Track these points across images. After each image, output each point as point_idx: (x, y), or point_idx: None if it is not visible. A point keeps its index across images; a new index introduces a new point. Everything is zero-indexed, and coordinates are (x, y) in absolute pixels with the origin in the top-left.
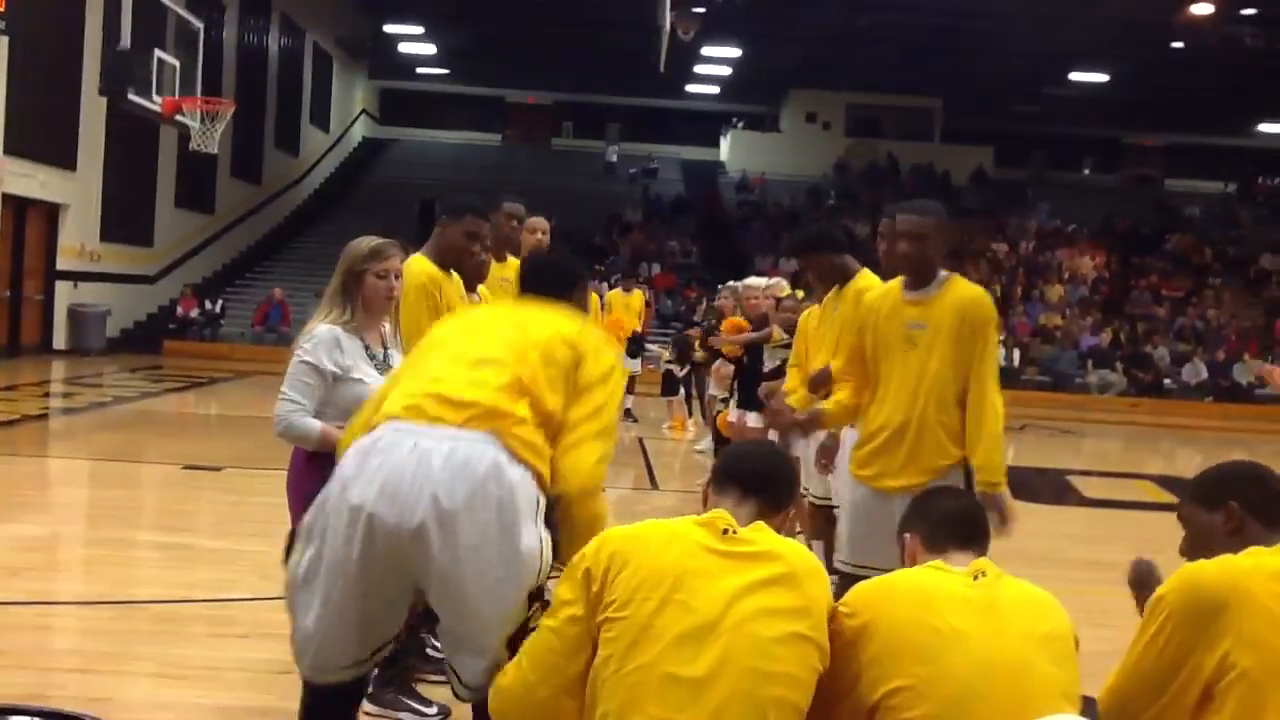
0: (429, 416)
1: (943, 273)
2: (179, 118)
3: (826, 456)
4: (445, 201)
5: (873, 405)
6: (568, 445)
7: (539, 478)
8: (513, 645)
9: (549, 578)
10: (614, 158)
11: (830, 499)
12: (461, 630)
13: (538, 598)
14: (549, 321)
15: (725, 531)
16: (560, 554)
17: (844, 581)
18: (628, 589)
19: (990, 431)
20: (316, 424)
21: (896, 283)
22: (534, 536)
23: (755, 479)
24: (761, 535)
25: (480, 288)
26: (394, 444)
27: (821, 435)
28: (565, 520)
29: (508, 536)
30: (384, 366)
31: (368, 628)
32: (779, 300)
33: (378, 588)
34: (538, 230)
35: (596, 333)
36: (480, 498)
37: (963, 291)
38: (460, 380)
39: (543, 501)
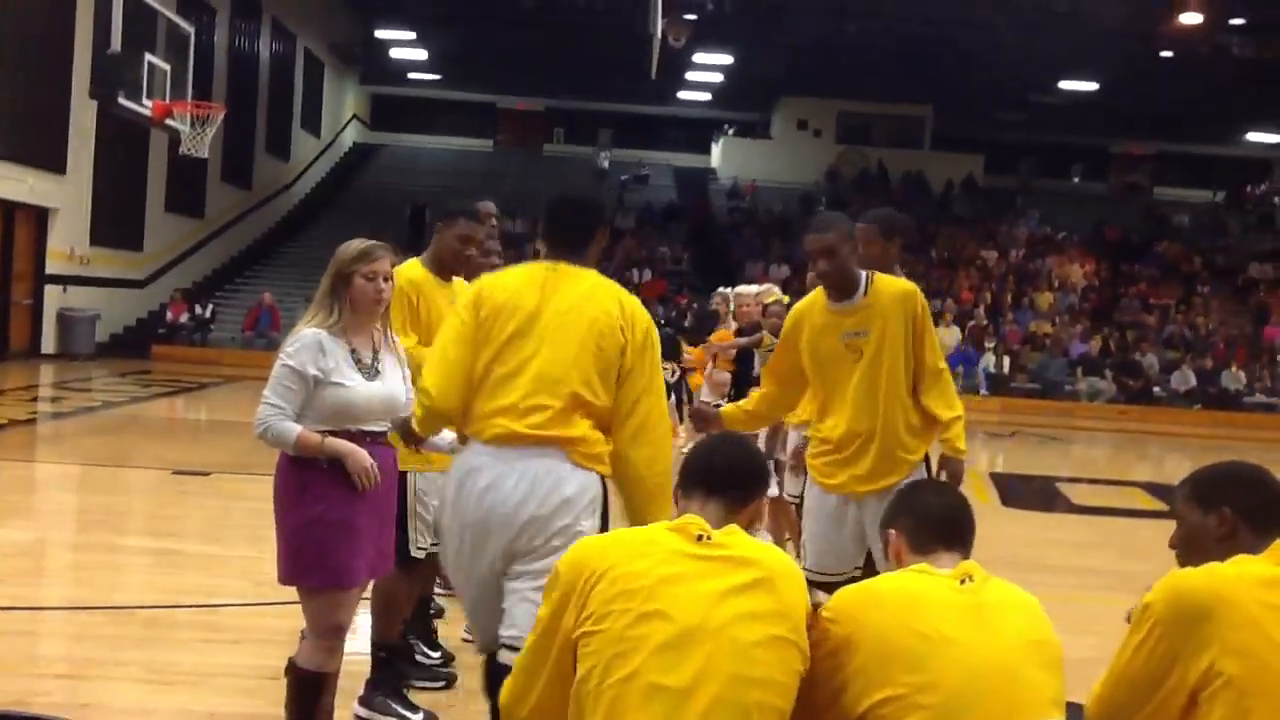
0: (506, 441)
1: (863, 274)
2: (169, 122)
3: (797, 458)
4: (437, 210)
5: (829, 416)
6: (633, 432)
7: (601, 478)
8: None
9: None
10: (605, 164)
11: None
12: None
13: None
14: (589, 307)
15: (700, 537)
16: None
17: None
18: (603, 601)
19: (953, 398)
20: (295, 427)
21: (819, 296)
22: (593, 528)
23: (717, 477)
24: (736, 539)
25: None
26: (481, 468)
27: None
28: (650, 504)
29: (574, 529)
30: (372, 372)
31: (497, 612)
32: (766, 306)
33: (492, 584)
34: (489, 216)
35: (628, 298)
36: (554, 504)
37: (893, 288)
38: (524, 406)
39: (600, 498)
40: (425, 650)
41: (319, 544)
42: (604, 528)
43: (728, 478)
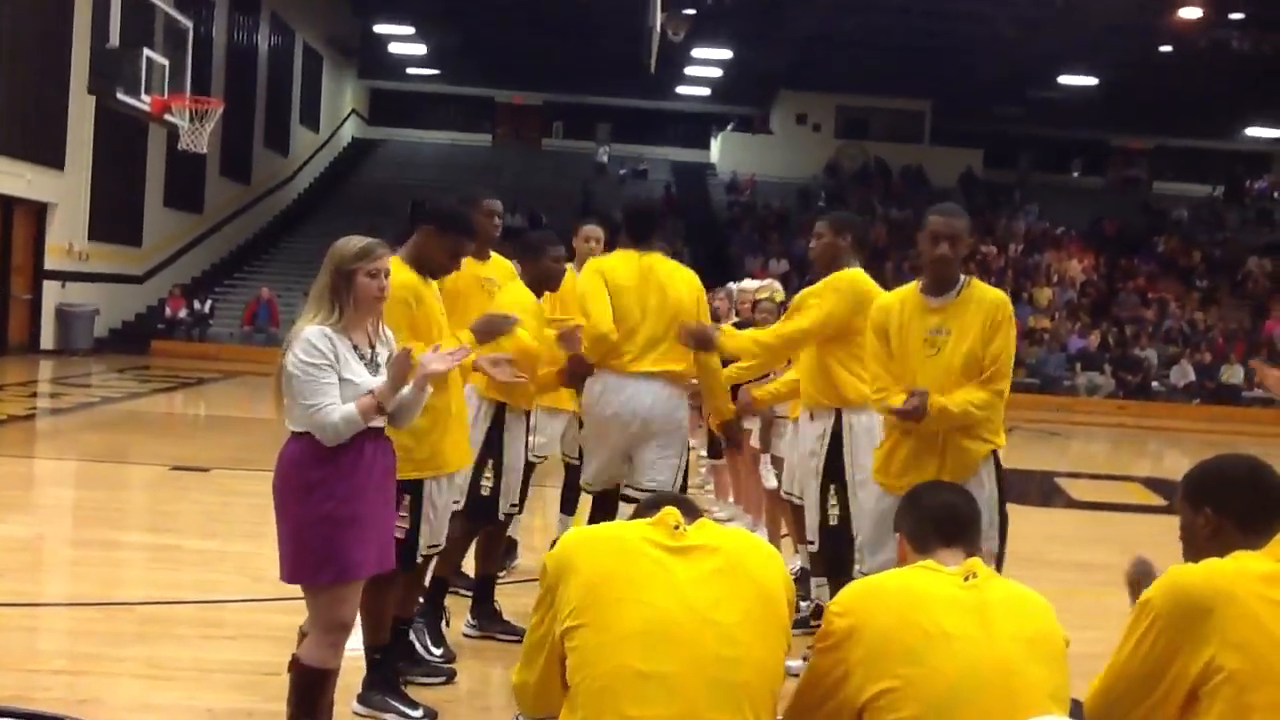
0: (635, 373)
1: (963, 277)
2: (168, 117)
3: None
4: (435, 210)
5: (896, 426)
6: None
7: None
8: None
9: None
10: (605, 158)
11: None
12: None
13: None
14: (680, 284)
15: (675, 528)
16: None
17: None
18: (586, 594)
19: (981, 399)
20: (348, 407)
21: (913, 288)
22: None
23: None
24: (709, 529)
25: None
26: (620, 385)
27: (809, 441)
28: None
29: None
30: (374, 367)
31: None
32: (756, 302)
33: (621, 452)
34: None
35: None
36: (663, 413)
37: (984, 295)
38: (650, 356)
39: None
40: (429, 646)
41: (329, 541)
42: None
43: (960, 526)
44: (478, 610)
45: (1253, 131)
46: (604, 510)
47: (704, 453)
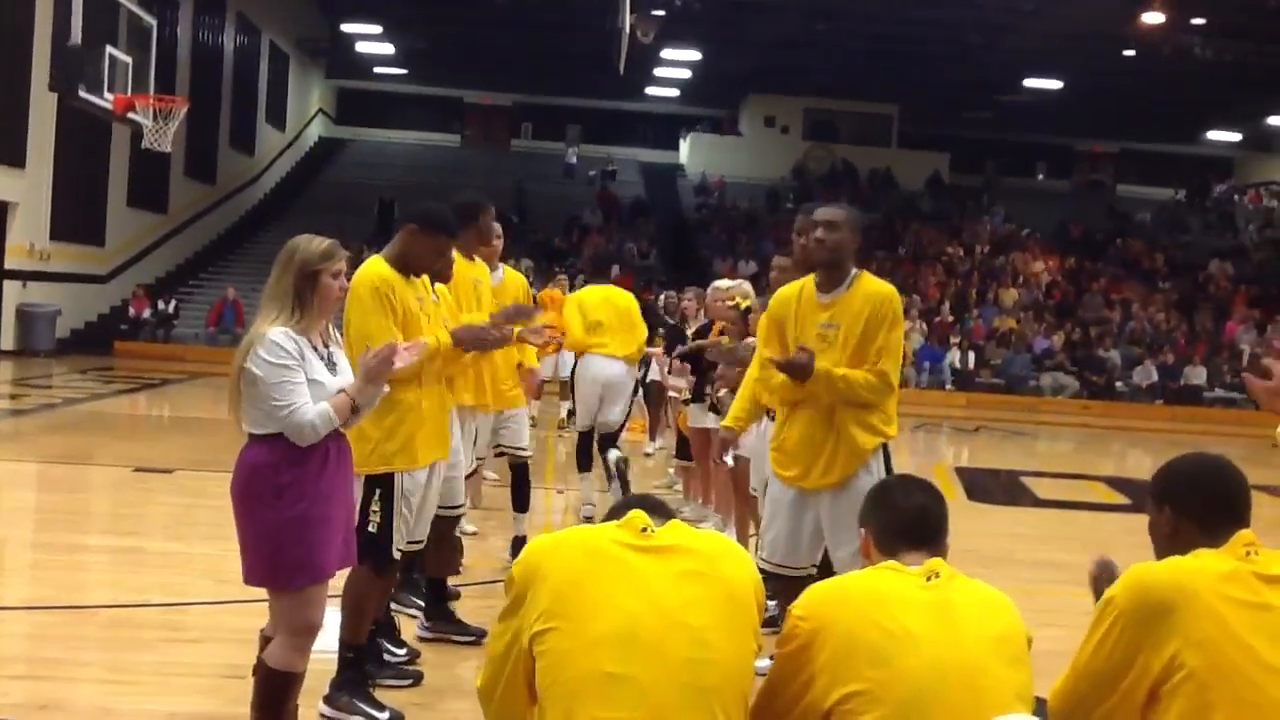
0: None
1: (854, 271)
2: (131, 115)
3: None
4: (420, 212)
5: (793, 408)
6: None
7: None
8: None
9: None
10: (574, 159)
11: None
12: None
13: None
14: (627, 299)
15: (644, 529)
16: None
17: (768, 580)
18: (554, 599)
19: (867, 380)
20: (321, 405)
21: (809, 282)
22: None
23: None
24: (678, 530)
25: (442, 287)
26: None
27: (752, 431)
28: None
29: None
30: (331, 366)
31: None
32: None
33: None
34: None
35: None
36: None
37: (871, 288)
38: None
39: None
40: (390, 648)
41: (304, 544)
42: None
43: (929, 529)
44: (431, 612)
45: (1215, 136)
46: (587, 446)
47: (674, 454)
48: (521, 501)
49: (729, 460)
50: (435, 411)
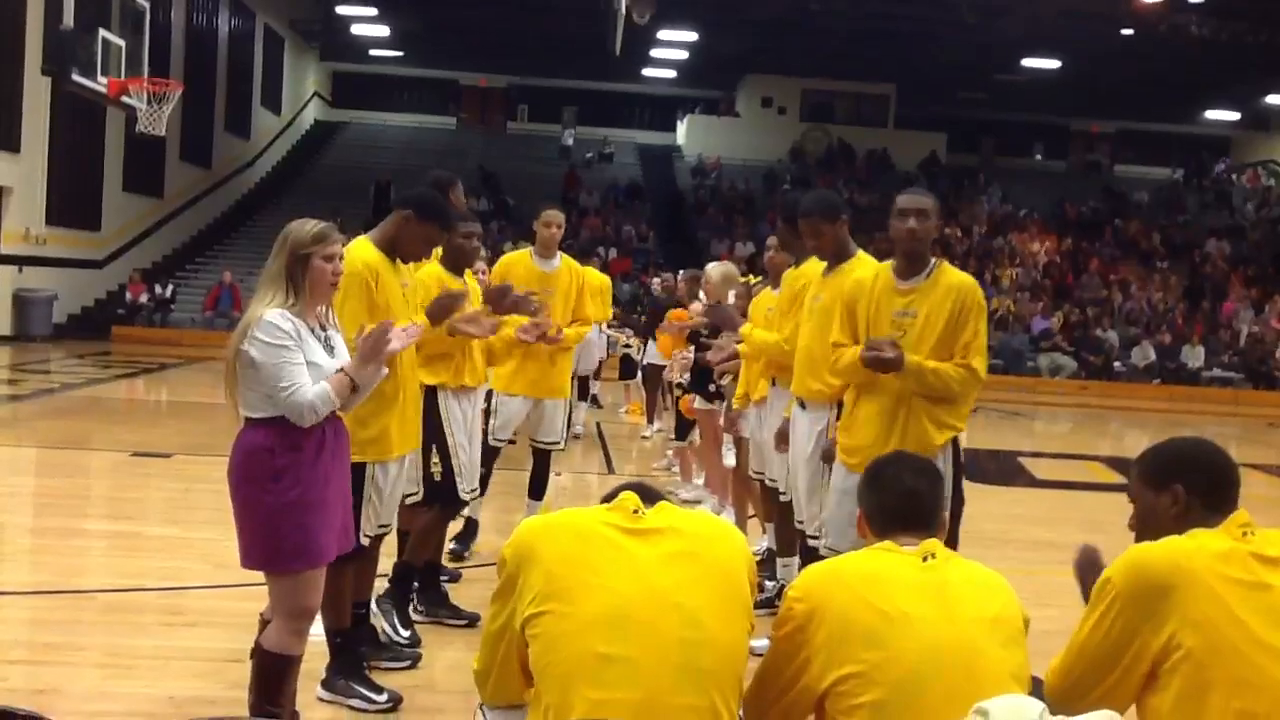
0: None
1: (933, 260)
2: (125, 99)
3: (784, 440)
4: (415, 197)
5: (860, 394)
6: None
7: None
8: None
9: None
10: (569, 141)
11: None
12: None
13: None
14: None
15: (634, 511)
16: None
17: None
18: (546, 581)
19: (959, 374)
20: (321, 385)
21: (886, 268)
22: None
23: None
24: (670, 512)
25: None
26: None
27: (775, 420)
28: None
29: None
30: (328, 348)
31: None
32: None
33: None
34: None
35: None
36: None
37: (955, 279)
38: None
39: None
40: (396, 627)
41: (301, 527)
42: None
43: (922, 512)
44: (424, 596)
45: (1212, 115)
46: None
47: (671, 436)
48: (538, 489)
49: (734, 440)
50: (411, 403)
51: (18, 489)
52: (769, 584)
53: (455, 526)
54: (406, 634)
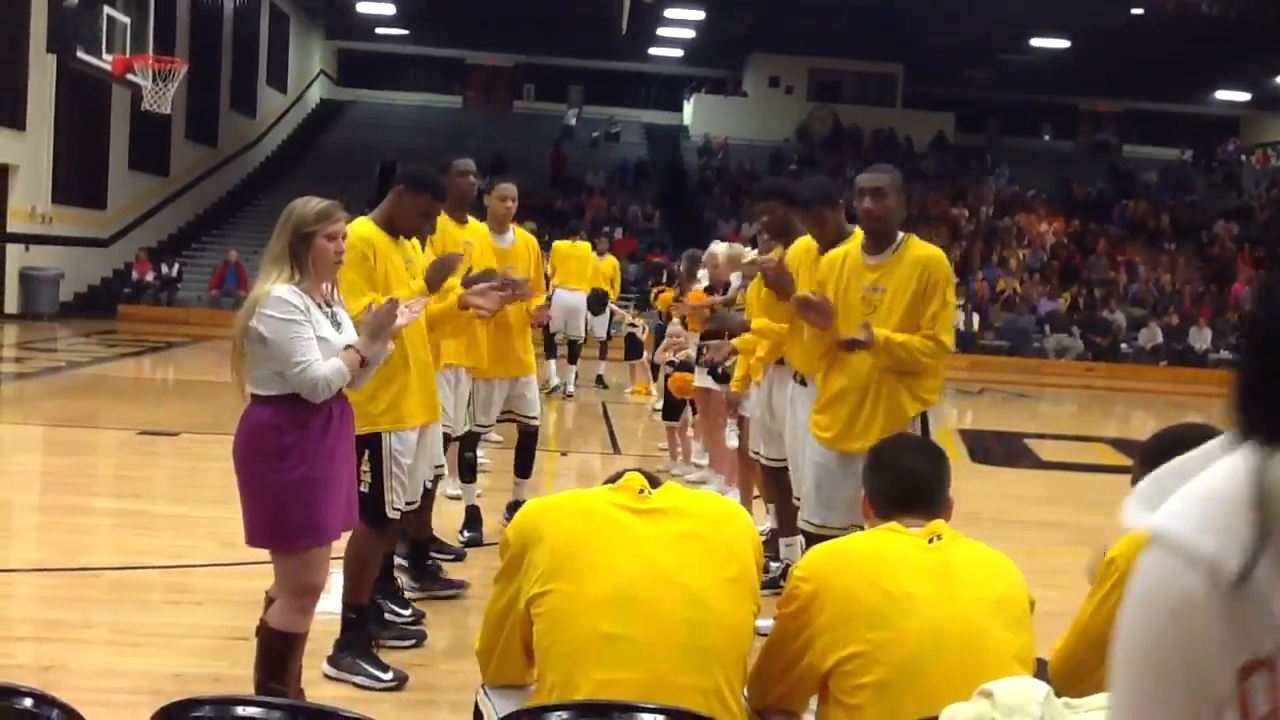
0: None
1: (900, 235)
2: (130, 77)
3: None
4: (408, 171)
5: (833, 368)
6: None
7: None
8: None
9: None
10: (573, 121)
11: (784, 460)
12: None
13: None
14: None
15: (640, 491)
16: None
17: (808, 541)
18: (551, 561)
19: (927, 346)
20: (333, 361)
21: (855, 244)
22: None
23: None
24: (676, 492)
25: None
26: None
27: (752, 393)
28: None
29: None
30: (335, 323)
31: None
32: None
33: None
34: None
35: None
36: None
37: (920, 252)
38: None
39: None
40: (395, 608)
41: (308, 505)
42: None
43: (925, 494)
44: (416, 572)
45: (1222, 95)
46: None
47: (661, 415)
48: (524, 467)
49: (737, 420)
50: (421, 375)
51: (25, 467)
52: (773, 564)
53: (458, 516)
54: (408, 613)
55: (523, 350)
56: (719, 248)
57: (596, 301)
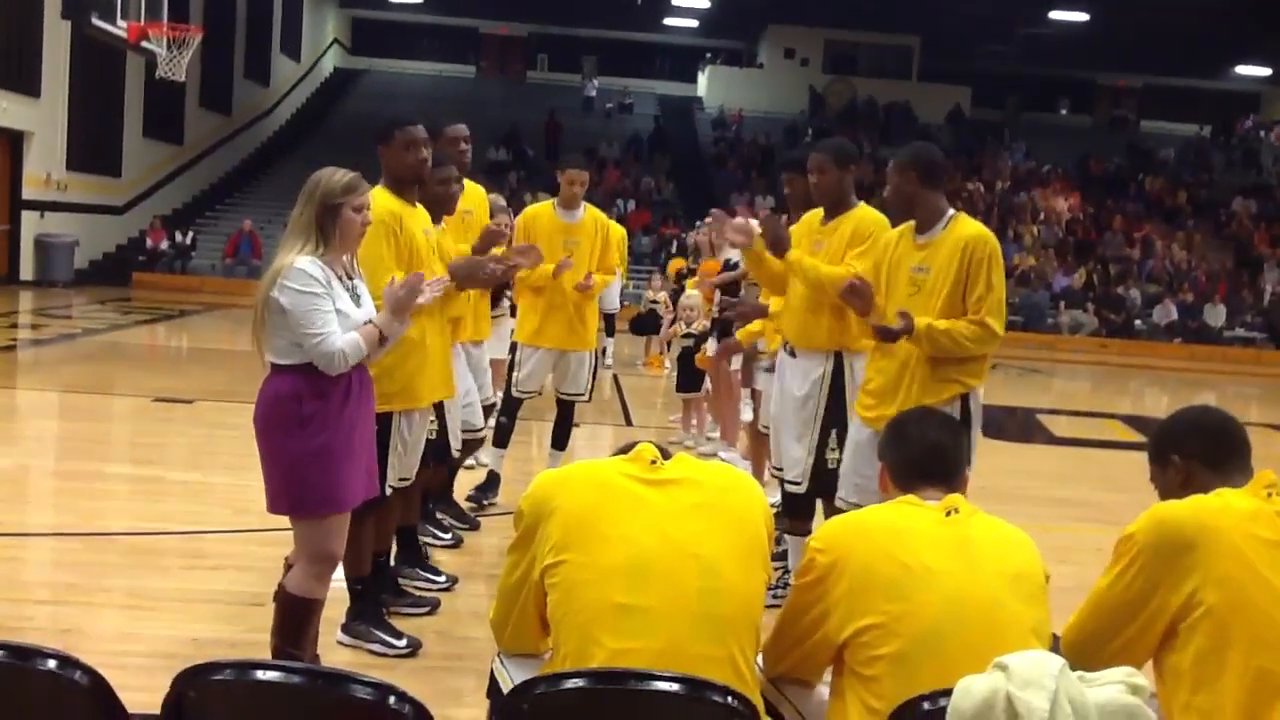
0: None
1: (950, 212)
2: (144, 44)
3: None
4: (375, 133)
5: (879, 349)
6: None
7: None
8: None
9: None
10: (593, 93)
11: None
12: None
13: None
14: None
15: (652, 462)
16: None
17: (804, 513)
18: (564, 532)
19: (970, 331)
20: (350, 334)
21: (910, 224)
22: None
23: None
24: (687, 463)
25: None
26: None
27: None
28: None
29: None
30: (355, 296)
31: None
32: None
33: None
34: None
35: None
36: None
37: (964, 231)
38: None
39: None
40: (428, 576)
41: (327, 474)
42: None
43: (945, 465)
44: (402, 555)
45: (1242, 70)
46: None
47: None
48: (561, 439)
49: (750, 393)
50: (439, 350)
51: (42, 432)
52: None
53: (477, 477)
54: (442, 579)
55: (582, 327)
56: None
57: (644, 323)
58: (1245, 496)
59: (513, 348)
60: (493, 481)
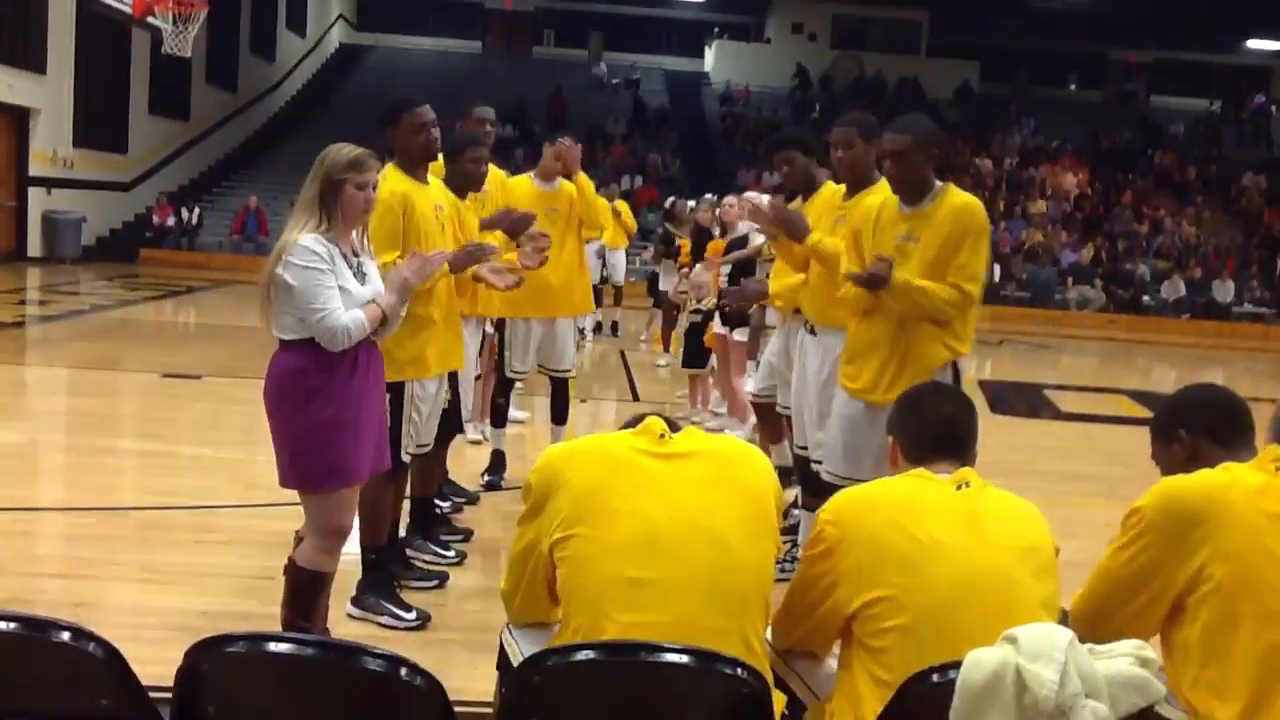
0: None
1: (938, 184)
2: (150, 19)
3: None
4: (380, 113)
5: (864, 319)
6: None
7: None
8: None
9: None
10: (603, 70)
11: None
12: None
13: None
14: None
15: (661, 435)
16: None
17: (829, 491)
18: (573, 506)
19: (949, 294)
20: (355, 312)
21: (894, 196)
22: None
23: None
24: (696, 436)
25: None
26: None
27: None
28: None
29: None
30: (360, 275)
31: None
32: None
33: None
34: (486, 121)
35: None
36: None
37: (956, 201)
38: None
39: None
40: (437, 550)
41: (333, 447)
42: None
43: (959, 439)
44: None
45: (1254, 44)
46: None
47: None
48: (560, 414)
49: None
50: (448, 322)
51: (51, 408)
52: (794, 511)
53: (482, 459)
54: (451, 553)
55: (564, 289)
56: (751, 196)
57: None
58: (1253, 471)
59: (499, 324)
60: (498, 462)
